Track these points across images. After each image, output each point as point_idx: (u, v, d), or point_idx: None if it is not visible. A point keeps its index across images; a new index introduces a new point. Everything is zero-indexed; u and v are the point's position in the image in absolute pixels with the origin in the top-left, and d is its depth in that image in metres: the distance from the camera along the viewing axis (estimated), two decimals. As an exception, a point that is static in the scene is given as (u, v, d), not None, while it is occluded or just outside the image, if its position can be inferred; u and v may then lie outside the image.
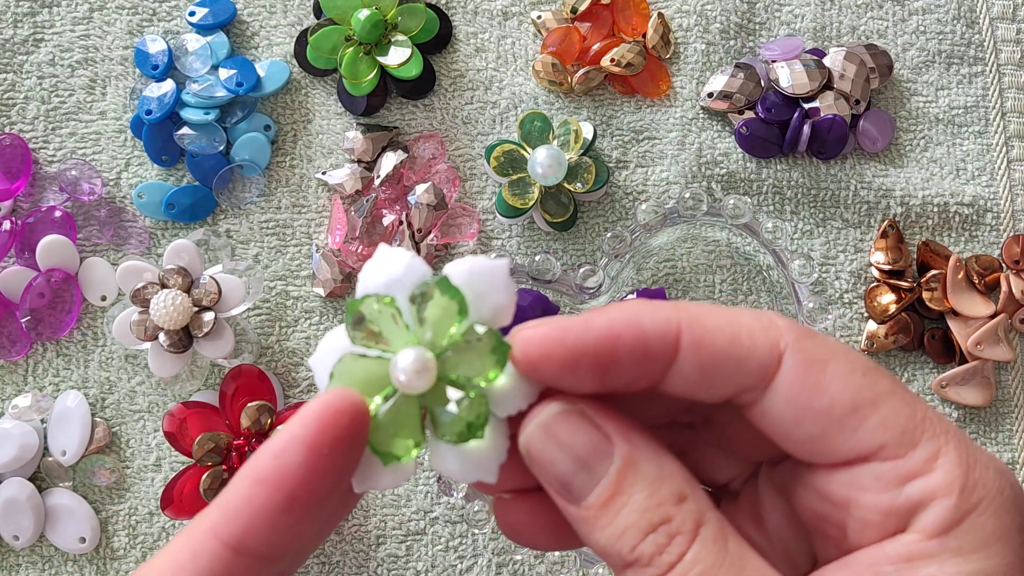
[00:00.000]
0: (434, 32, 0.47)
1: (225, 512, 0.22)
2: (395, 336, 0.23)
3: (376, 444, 0.23)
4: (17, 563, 0.44)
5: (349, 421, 0.22)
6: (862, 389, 0.23)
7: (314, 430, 0.22)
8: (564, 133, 0.45)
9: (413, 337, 0.23)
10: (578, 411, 0.23)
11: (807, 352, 0.23)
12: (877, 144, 0.48)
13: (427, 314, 0.23)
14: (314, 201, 0.47)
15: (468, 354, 0.23)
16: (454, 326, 0.23)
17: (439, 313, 0.23)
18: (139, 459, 0.45)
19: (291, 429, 0.22)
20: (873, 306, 0.46)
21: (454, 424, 0.23)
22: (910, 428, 0.22)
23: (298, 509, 0.22)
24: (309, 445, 0.22)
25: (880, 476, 0.22)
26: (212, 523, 0.22)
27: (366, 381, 0.23)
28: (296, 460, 0.22)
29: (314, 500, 0.22)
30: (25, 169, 0.46)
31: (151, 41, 0.47)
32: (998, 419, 0.46)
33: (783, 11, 0.49)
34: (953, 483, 0.22)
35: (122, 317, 0.43)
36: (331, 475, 0.22)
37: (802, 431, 0.23)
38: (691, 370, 0.23)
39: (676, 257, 0.47)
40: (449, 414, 0.23)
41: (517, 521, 0.26)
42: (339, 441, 0.22)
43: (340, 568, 0.44)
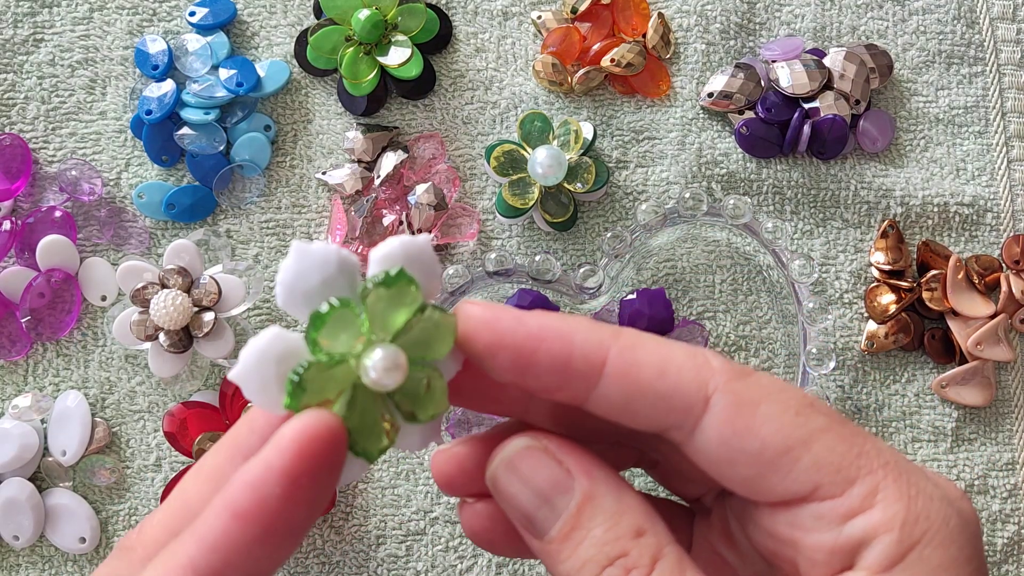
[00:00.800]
0: (434, 32, 0.47)
1: (202, 546, 0.21)
2: (349, 335, 0.23)
3: (358, 447, 0.23)
4: (17, 563, 0.44)
5: (327, 446, 0.21)
6: (794, 429, 0.22)
7: (293, 459, 0.21)
8: (564, 133, 0.45)
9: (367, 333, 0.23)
10: (541, 447, 0.24)
11: (737, 394, 0.23)
12: (877, 144, 0.48)
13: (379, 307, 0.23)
14: (314, 201, 0.47)
15: (423, 335, 0.23)
16: (405, 313, 0.23)
17: (389, 302, 0.23)
18: (139, 459, 0.45)
19: (268, 459, 0.21)
20: (873, 306, 0.46)
21: (427, 405, 0.23)
22: (845, 465, 0.22)
23: (277, 539, 0.21)
24: (288, 475, 0.21)
25: (820, 516, 0.22)
26: (189, 558, 0.22)
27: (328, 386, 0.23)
28: (275, 492, 0.21)
29: (294, 529, 0.22)
30: (25, 169, 0.46)
31: (151, 41, 0.47)
32: (998, 419, 0.46)
33: (783, 11, 0.49)
34: (894, 518, 0.22)
35: (122, 317, 0.43)
36: (310, 503, 0.22)
37: (736, 472, 0.23)
38: (615, 396, 0.23)
39: (676, 257, 0.47)
40: (418, 396, 0.23)
41: (479, 525, 0.27)
42: (318, 468, 0.21)
43: (340, 568, 0.44)
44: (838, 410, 0.45)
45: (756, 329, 0.46)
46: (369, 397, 0.23)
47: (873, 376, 0.46)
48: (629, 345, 0.23)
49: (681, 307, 0.46)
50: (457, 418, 0.44)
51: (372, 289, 0.23)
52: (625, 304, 0.44)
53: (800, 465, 0.22)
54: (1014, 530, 0.45)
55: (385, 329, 0.23)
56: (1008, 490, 0.46)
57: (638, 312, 0.44)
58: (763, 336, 0.46)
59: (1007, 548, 0.45)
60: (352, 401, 0.23)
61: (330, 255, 0.23)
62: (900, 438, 0.46)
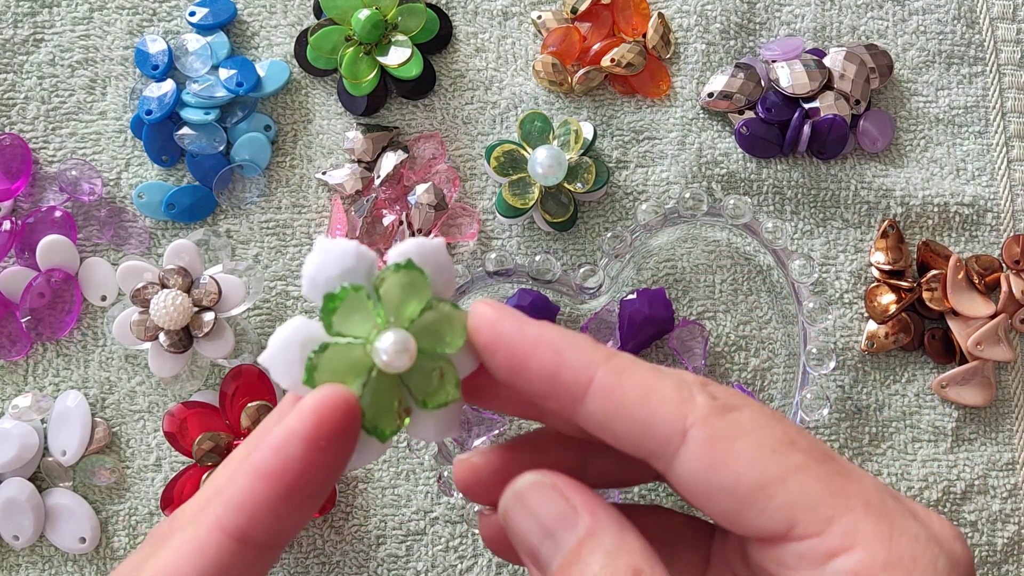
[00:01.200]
0: (434, 32, 0.47)
1: (229, 506, 0.23)
2: (365, 321, 0.25)
3: (370, 424, 0.24)
4: (17, 563, 0.44)
5: (343, 415, 0.23)
6: (769, 466, 0.23)
7: (312, 425, 0.23)
8: (564, 133, 0.45)
9: (381, 319, 0.25)
10: (550, 483, 0.25)
11: (715, 429, 0.23)
12: (877, 144, 0.48)
13: (391, 295, 0.25)
14: (314, 201, 0.47)
15: (435, 326, 0.25)
16: (416, 303, 0.25)
17: (402, 293, 0.25)
18: (139, 459, 0.45)
19: (290, 424, 0.23)
20: (873, 306, 0.46)
21: (438, 393, 0.25)
22: (821, 504, 0.22)
23: (298, 498, 0.23)
24: (307, 439, 0.23)
25: (801, 555, 0.23)
26: (217, 517, 0.23)
27: (344, 368, 0.25)
28: (296, 454, 0.23)
29: (313, 489, 0.23)
30: (25, 169, 0.46)
31: (151, 41, 0.47)
32: (998, 419, 0.46)
33: (783, 11, 0.49)
34: (874, 559, 0.22)
35: (122, 317, 0.43)
36: (328, 466, 0.23)
37: (714, 505, 0.24)
38: (599, 415, 0.24)
39: (676, 257, 0.47)
40: (429, 385, 0.25)
41: (496, 535, 0.28)
42: (335, 434, 0.23)
43: (340, 568, 0.44)
44: (838, 410, 0.45)
45: (756, 329, 0.46)
46: (383, 380, 0.25)
47: (873, 376, 0.46)
48: (618, 368, 0.24)
49: (681, 307, 0.46)
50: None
51: (385, 277, 0.25)
52: (625, 304, 0.44)
53: (774, 502, 0.23)
54: (1014, 530, 0.45)
55: (398, 316, 0.25)
56: (1008, 490, 0.46)
57: (638, 312, 0.44)
58: (763, 336, 0.46)
59: (1007, 548, 0.45)
60: (367, 382, 0.25)
61: (349, 248, 0.25)
62: (900, 438, 0.46)
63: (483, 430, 0.44)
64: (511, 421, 0.45)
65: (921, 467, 0.45)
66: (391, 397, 0.25)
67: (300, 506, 0.24)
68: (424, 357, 0.25)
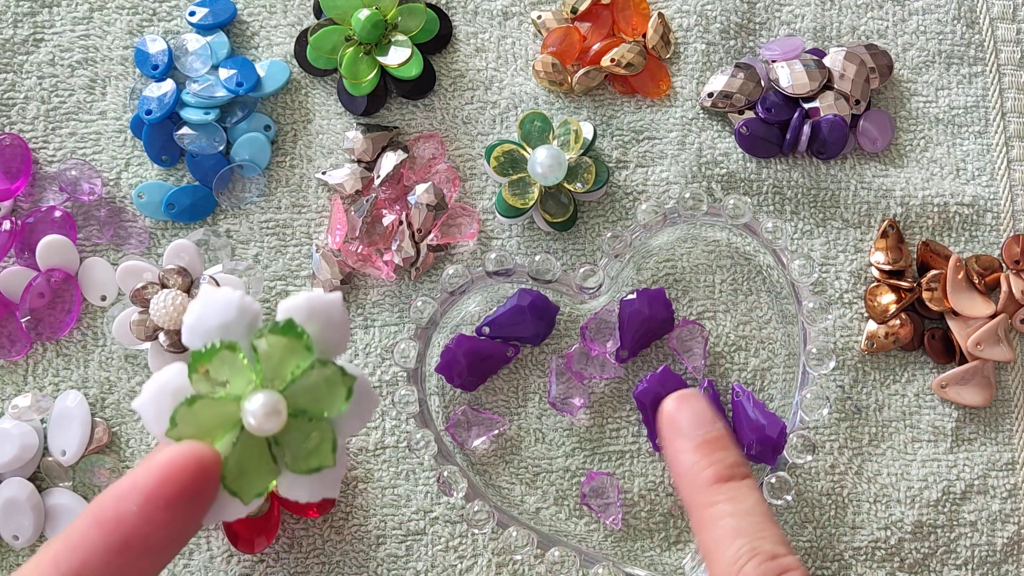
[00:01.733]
0: (434, 32, 0.47)
1: (66, 545, 0.23)
2: (239, 377, 0.24)
3: (231, 484, 0.24)
4: (17, 563, 0.44)
5: (192, 476, 0.23)
6: None
7: (155, 483, 0.22)
8: (564, 133, 0.45)
9: (256, 377, 0.24)
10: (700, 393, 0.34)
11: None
12: (877, 144, 0.48)
13: (270, 353, 0.24)
14: (314, 201, 0.47)
15: (315, 389, 0.24)
16: (295, 363, 0.24)
17: (282, 352, 0.24)
18: (139, 459, 0.45)
19: (135, 476, 0.23)
20: (873, 306, 0.46)
21: (309, 459, 0.24)
22: None
23: (135, 552, 0.23)
24: (147, 497, 0.22)
25: None
26: (55, 554, 0.23)
27: (212, 423, 0.24)
28: (133, 509, 0.22)
29: (151, 547, 0.23)
30: (25, 169, 0.46)
31: (151, 41, 0.47)
32: (998, 419, 0.46)
33: (783, 11, 0.49)
34: None
35: (122, 317, 0.43)
36: (169, 524, 0.23)
37: None
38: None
39: (676, 257, 0.47)
40: (302, 448, 0.24)
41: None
42: (179, 495, 0.23)
43: (340, 568, 0.44)
44: (838, 410, 0.45)
45: (756, 329, 0.46)
46: (251, 440, 0.24)
47: (873, 376, 0.46)
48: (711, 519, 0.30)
49: (681, 307, 0.46)
50: (457, 418, 0.44)
51: (263, 335, 0.24)
52: (625, 304, 0.44)
53: None
54: (1014, 530, 0.45)
55: (275, 377, 0.24)
56: (1008, 490, 0.46)
57: (638, 312, 0.44)
58: (763, 336, 0.46)
59: (1007, 548, 0.45)
60: (236, 441, 0.24)
61: (231, 300, 0.24)
62: (900, 438, 0.46)
63: (483, 430, 0.44)
64: (511, 421, 0.45)
65: (921, 467, 0.45)
66: (259, 458, 0.24)
67: (138, 559, 0.23)
68: (301, 420, 0.24)
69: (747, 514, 0.29)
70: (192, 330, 0.24)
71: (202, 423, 0.24)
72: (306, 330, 0.24)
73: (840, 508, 0.45)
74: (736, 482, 0.30)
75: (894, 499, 0.45)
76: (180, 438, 0.23)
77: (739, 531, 0.28)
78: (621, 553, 0.44)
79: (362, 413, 0.26)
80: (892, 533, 0.45)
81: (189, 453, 0.23)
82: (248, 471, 0.24)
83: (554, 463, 0.45)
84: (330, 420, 0.25)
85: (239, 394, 0.24)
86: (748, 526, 0.29)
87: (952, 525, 0.45)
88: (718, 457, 0.31)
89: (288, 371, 0.24)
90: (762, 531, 0.29)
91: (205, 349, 0.24)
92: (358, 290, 0.46)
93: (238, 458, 0.24)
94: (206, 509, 0.24)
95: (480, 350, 0.44)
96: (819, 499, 0.45)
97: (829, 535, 0.45)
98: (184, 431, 0.23)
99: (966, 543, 0.45)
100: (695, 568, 0.43)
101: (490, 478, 0.45)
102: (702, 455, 0.31)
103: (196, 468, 0.23)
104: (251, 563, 0.44)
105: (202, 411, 0.24)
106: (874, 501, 0.45)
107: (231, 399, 0.24)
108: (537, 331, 0.44)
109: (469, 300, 0.45)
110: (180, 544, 0.24)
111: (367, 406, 0.26)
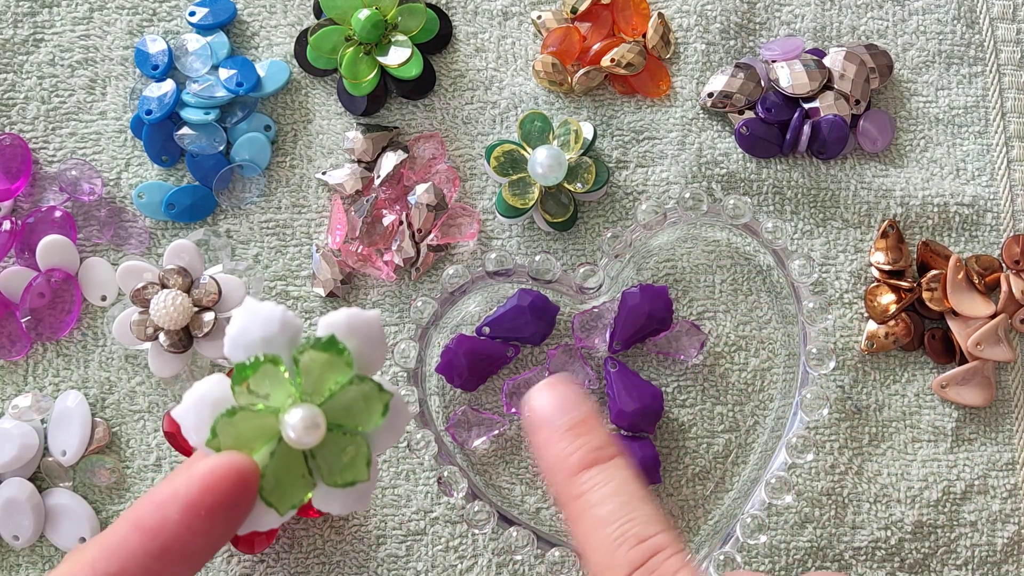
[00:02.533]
0: (434, 32, 0.47)
1: (103, 550, 0.23)
2: (279, 390, 0.24)
3: (268, 496, 0.24)
4: (17, 563, 0.44)
5: (232, 487, 0.23)
6: None
7: (196, 492, 0.23)
8: (564, 133, 0.45)
9: (296, 391, 0.24)
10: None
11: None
12: (877, 144, 0.48)
13: (311, 368, 0.25)
14: (314, 201, 0.47)
15: (353, 404, 0.25)
16: (335, 378, 0.25)
17: (322, 367, 0.25)
18: (139, 459, 0.45)
19: (175, 484, 0.23)
20: (873, 306, 0.46)
21: (345, 473, 0.25)
22: None
23: (173, 559, 0.23)
24: (187, 505, 0.23)
25: None
26: (92, 558, 0.23)
27: (252, 435, 0.24)
28: (174, 517, 0.23)
29: (189, 553, 0.23)
30: (25, 169, 0.46)
31: (151, 41, 0.47)
32: (998, 419, 0.46)
33: (783, 11, 0.49)
34: None
35: (122, 317, 0.43)
36: (207, 533, 0.23)
37: None
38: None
39: (676, 257, 0.47)
40: (338, 462, 0.25)
41: None
42: (218, 505, 0.23)
43: (340, 568, 0.44)
44: (838, 410, 0.45)
45: (756, 329, 0.46)
46: (289, 453, 0.24)
47: (873, 376, 0.46)
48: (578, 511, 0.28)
49: (681, 307, 0.46)
50: (457, 418, 0.44)
51: (306, 351, 0.25)
52: (627, 296, 0.44)
53: None
54: (1014, 530, 0.45)
55: (314, 391, 0.25)
56: (1008, 490, 0.46)
57: (638, 306, 0.44)
58: (763, 336, 0.46)
59: (1007, 548, 0.45)
60: (273, 453, 0.24)
61: (275, 314, 0.25)
62: (900, 438, 0.46)
63: (483, 430, 0.44)
64: (511, 421, 0.45)
65: (921, 467, 0.45)
66: (295, 471, 0.25)
67: (175, 566, 0.23)
68: (337, 434, 0.25)
69: (613, 497, 0.27)
70: (234, 342, 0.25)
71: (242, 434, 0.24)
72: (346, 346, 0.25)
73: (840, 508, 0.45)
74: (602, 465, 0.28)
75: (894, 499, 0.45)
76: (220, 448, 0.24)
77: (606, 519, 0.27)
78: (621, 553, 0.44)
79: (396, 429, 0.26)
80: (892, 533, 0.45)
81: (229, 463, 0.23)
82: (285, 483, 0.24)
83: (554, 463, 0.45)
84: (365, 435, 0.25)
85: (279, 407, 0.24)
86: (615, 510, 0.27)
87: (952, 525, 0.45)
88: (582, 442, 0.29)
89: (327, 386, 0.25)
90: (630, 513, 0.27)
91: (249, 362, 0.24)
92: (358, 290, 0.46)
93: (275, 470, 0.24)
94: (243, 518, 0.24)
95: (480, 350, 0.44)
96: (819, 499, 0.45)
97: (829, 535, 0.44)
98: (224, 442, 0.24)
99: (966, 543, 0.45)
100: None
101: (490, 478, 0.45)
102: (567, 442, 0.29)
103: (236, 478, 0.23)
104: (251, 563, 0.44)
105: (242, 423, 0.24)
106: (874, 501, 0.45)
107: (271, 412, 0.24)
108: (537, 331, 0.44)
109: (469, 300, 0.45)
110: (214, 551, 0.24)
111: (401, 422, 0.26)
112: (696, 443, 0.45)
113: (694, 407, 0.45)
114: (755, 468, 0.44)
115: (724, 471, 0.45)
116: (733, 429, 0.45)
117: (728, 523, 0.43)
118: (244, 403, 0.24)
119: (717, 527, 0.44)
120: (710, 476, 0.45)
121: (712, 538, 0.43)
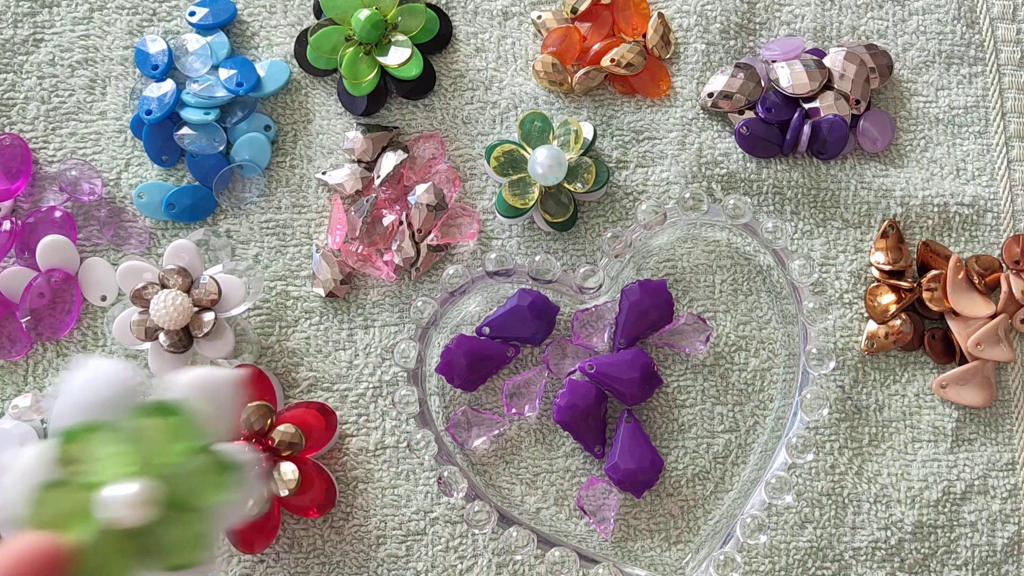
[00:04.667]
0: (434, 32, 0.47)
1: None
2: (112, 461, 0.22)
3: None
4: (17, 563, 0.44)
5: (37, 570, 0.21)
6: None
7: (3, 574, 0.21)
8: (564, 133, 0.45)
9: (127, 462, 0.22)
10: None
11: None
12: (877, 144, 0.48)
13: (149, 435, 0.22)
14: (314, 201, 0.47)
15: (192, 477, 0.22)
16: (176, 448, 0.22)
17: (162, 434, 0.22)
18: (139, 459, 0.45)
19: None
20: (873, 306, 0.46)
21: (179, 553, 0.22)
22: None
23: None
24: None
25: None
26: None
27: (71, 511, 0.22)
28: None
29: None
30: (25, 169, 0.46)
31: (151, 41, 0.47)
32: (998, 419, 0.46)
33: (783, 11, 0.49)
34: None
35: (122, 317, 0.43)
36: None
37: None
38: None
39: (676, 257, 0.47)
40: (172, 542, 0.22)
41: None
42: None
43: (340, 568, 0.44)
44: (838, 410, 0.45)
45: (756, 329, 0.46)
46: (112, 532, 0.22)
47: (873, 376, 0.46)
48: None
49: (681, 307, 0.46)
50: (457, 419, 0.44)
51: (145, 415, 0.22)
52: (626, 292, 0.44)
53: None
54: (1014, 530, 0.45)
55: (148, 462, 0.22)
56: (1008, 490, 0.46)
57: (639, 303, 0.44)
58: (763, 336, 0.46)
59: (1007, 548, 0.45)
60: (96, 531, 0.22)
61: (113, 376, 0.22)
62: (900, 438, 0.46)
63: (483, 430, 0.44)
64: (511, 421, 0.45)
65: (921, 467, 0.45)
66: (123, 551, 0.22)
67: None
68: (175, 509, 0.22)
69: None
70: (62, 406, 0.22)
71: (58, 512, 0.21)
72: (192, 411, 0.22)
73: (840, 508, 0.45)
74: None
75: (894, 499, 0.45)
76: (35, 526, 0.21)
77: None
78: (621, 553, 0.44)
79: (241, 504, 0.24)
80: (892, 533, 0.45)
81: (38, 546, 0.21)
82: (109, 566, 0.22)
83: (554, 463, 0.45)
84: (206, 511, 0.23)
85: (103, 480, 0.22)
86: None
87: (952, 525, 0.45)
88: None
89: (162, 458, 0.22)
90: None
91: (74, 430, 0.22)
92: (358, 290, 0.46)
93: (98, 550, 0.22)
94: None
95: (480, 350, 0.44)
96: (819, 499, 0.45)
97: (829, 535, 0.44)
98: (40, 519, 0.21)
99: (966, 543, 0.45)
100: (695, 568, 0.43)
101: (490, 478, 0.45)
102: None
103: (44, 562, 0.21)
104: (251, 563, 0.44)
105: (61, 498, 0.21)
106: (874, 501, 0.45)
107: (95, 485, 0.22)
108: (537, 331, 0.44)
109: (469, 300, 0.45)
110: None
111: (246, 496, 0.24)
112: (696, 443, 0.45)
113: (694, 407, 0.45)
114: (755, 468, 0.44)
115: (724, 471, 0.45)
116: (733, 429, 0.45)
117: (728, 523, 0.43)
118: (67, 475, 0.22)
119: (717, 527, 0.44)
120: (710, 476, 0.45)
121: (712, 538, 0.43)
